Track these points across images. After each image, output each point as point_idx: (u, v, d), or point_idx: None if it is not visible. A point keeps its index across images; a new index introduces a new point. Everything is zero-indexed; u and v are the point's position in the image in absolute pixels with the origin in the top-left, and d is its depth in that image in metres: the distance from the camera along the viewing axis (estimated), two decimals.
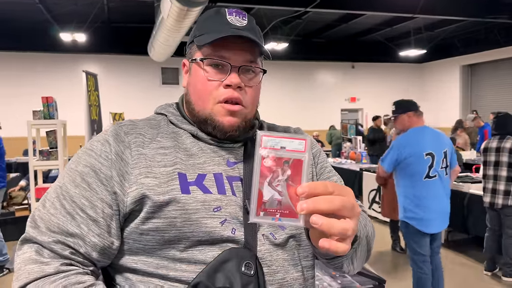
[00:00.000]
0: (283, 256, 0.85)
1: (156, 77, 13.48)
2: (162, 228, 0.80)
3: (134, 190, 0.81)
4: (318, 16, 10.57)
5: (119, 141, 0.86)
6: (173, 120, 0.95)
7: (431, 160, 3.12)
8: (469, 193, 5.09)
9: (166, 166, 0.84)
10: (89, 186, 0.82)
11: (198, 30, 0.93)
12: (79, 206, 0.81)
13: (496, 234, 4.32)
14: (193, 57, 0.93)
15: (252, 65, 0.91)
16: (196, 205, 0.81)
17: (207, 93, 0.89)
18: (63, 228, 0.80)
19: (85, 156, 0.86)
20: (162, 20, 6.85)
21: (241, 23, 0.90)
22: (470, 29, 12.13)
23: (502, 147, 4.13)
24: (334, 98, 14.90)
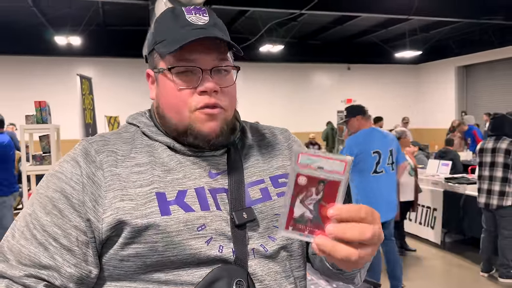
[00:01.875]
0: (275, 268, 0.81)
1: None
2: (143, 253, 0.74)
3: (109, 215, 0.74)
4: (313, 18, 10.58)
5: (90, 162, 0.79)
6: (147, 131, 0.86)
7: (378, 157, 3.57)
8: (464, 194, 5.09)
9: (143, 186, 0.77)
10: (60, 213, 0.76)
11: (157, 36, 0.83)
12: (51, 235, 0.75)
13: (492, 235, 4.32)
14: (157, 66, 0.84)
15: (223, 64, 0.83)
16: (178, 227, 0.74)
17: (181, 104, 0.81)
18: (35, 260, 0.74)
19: (54, 180, 0.78)
20: None
21: (202, 21, 0.82)
22: (465, 30, 12.18)
23: (497, 148, 4.13)
24: (330, 99, 14.91)
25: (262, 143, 0.94)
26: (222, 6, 8.23)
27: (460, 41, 13.32)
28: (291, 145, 0.96)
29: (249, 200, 0.82)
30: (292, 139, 0.99)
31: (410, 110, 15.20)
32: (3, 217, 4.36)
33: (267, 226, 0.82)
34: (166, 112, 0.84)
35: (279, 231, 0.62)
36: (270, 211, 0.83)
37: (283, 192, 0.85)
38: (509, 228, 4.13)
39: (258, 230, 0.81)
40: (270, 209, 0.83)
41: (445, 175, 5.91)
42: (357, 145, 3.59)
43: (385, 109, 14.23)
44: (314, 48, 13.81)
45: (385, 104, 15.25)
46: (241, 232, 0.78)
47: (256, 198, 0.83)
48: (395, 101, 15.63)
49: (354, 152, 3.55)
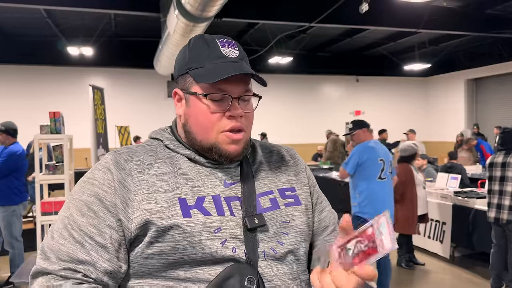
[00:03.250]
0: (283, 270, 0.89)
1: (161, 91, 13.59)
2: (166, 251, 0.84)
3: (138, 216, 0.85)
4: (322, 30, 10.66)
5: (120, 169, 0.89)
6: (169, 145, 0.97)
7: (383, 164, 3.93)
8: (474, 209, 5.06)
9: (166, 192, 0.88)
10: (95, 214, 0.86)
11: (193, 62, 0.94)
12: (87, 234, 0.84)
13: (502, 250, 4.28)
14: (190, 89, 0.94)
15: (249, 93, 0.95)
16: (198, 228, 0.84)
17: (210, 125, 0.92)
18: (73, 256, 0.83)
19: (88, 186, 0.89)
20: (168, 35, 6.94)
21: (234, 54, 0.94)
22: (474, 44, 12.17)
23: (507, 162, 4.11)
24: (339, 111, 14.92)
25: (271, 159, 1.06)
26: (232, 18, 8.33)
27: (470, 54, 13.30)
28: (296, 163, 1.08)
29: (260, 208, 0.93)
30: (297, 157, 1.11)
31: (418, 123, 15.15)
32: (12, 225, 4.42)
33: (276, 232, 0.91)
34: (193, 130, 0.95)
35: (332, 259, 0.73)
36: (278, 218, 0.93)
37: (289, 203, 0.97)
38: None
39: (268, 234, 0.90)
40: (278, 216, 0.94)
41: (454, 188, 5.87)
42: (366, 152, 3.93)
43: (393, 121, 14.21)
44: (323, 60, 13.88)
45: (393, 116, 15.22)
46: (253, 236, 0.88)
47: (266, 206, 0.94)
48: (404, 113, 15.59)
49: (363, 157, 3.89)
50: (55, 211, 2.98)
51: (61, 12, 8.74)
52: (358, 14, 7.31)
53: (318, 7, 8.25)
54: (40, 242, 3.07)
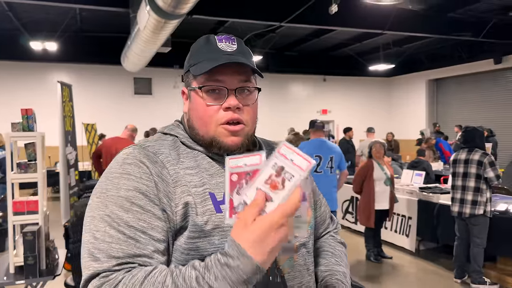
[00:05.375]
0: (298, 262, 0.95)
1: (128, 87, 13.33)
2: (202, 246, 0.85)
3: (181, 209, 0.86)
4: (291, 30, 10.78)
5: (153, 162, 0.89)
6: (186, 142, 0.98)
7: (319, 160, 4.59)
8: (438, 203, 5.29)
9: (197, 186, 0.89)
10: (142, 208, 0.84)
11: (192, 60, 0.98)
12: (139, 229, 0.83)
13: (465, 242, 4.51)
14: (191, 85, 0.98)
15: (247, 85, 0.96)
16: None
17: (208, 118, 0.94)
18: (128, 252, 0.81)
19: (124, 181, 0.86)
20: (138, 31, 6.83)
21: (231, 48, 0.97)
22: (435, 46, 12.65)
23: (470, 159, 4.34)
24: (307, 110, 15.13)
25: None
26: (202, 16, 8.29)
27: (431, 56, 13.81)
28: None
29: None
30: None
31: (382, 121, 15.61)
32: None
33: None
34: (195, 125, 0.97)
35: (224, 221, 0.77)
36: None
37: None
38: (480, 236, 4.32)
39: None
40: None
41: (419, 184, 6.12)
42: (304, 148, 4.57)
43: (358, 120, 14.57)
44: (291, 59, 14.03)
45: (359, 115, 15.61)
46: None
47: None
48: (368, 112, 16.01)
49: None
50: (28, 211, 2.89)
51: (23, 5, 8.41)
52: (327, 15, 7.45)
53: (288, 7, 8.35)
54: (13, 243, 2.98)
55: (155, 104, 13.43)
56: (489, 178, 4.25)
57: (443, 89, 14.96)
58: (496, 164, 4.31)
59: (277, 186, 0.72)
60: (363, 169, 5.20)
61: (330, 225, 1.17)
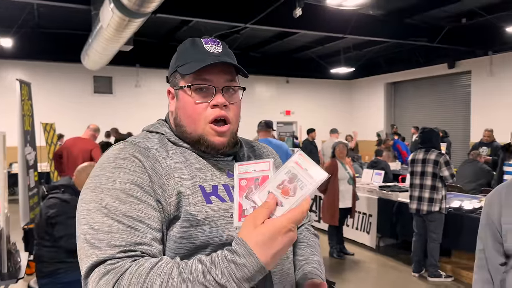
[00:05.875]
0: None
1: (87, 86, 12.96)
2: (194, 235, 0.90)
3: (174, 200, 0.90)
4: (255, 32, 10.86)
5: (146, 156, 0.93)
6: (172, 139, 1.03)
7: None
8: (397, 201, 5.52)
9: (187, 179, 0.94)
10: (138, 199, 0.87)
11: (179, 61, 1.03)
12: (137, 218, 0.85)
13: (422, 238, 4.74)
14: (178, 85, 1.03)
15: (232, 84, 1.03)
16: (219, 213, 0.93)
17: (197, 115, 1.00)
18: (129, 240, 0.83)
19: (118, 174, 0.89)
20: (101, 29, 6.68)
21: (217, 50, 1.03)
22: (393, 50, 13.11)
23: (427, 159, 4.56)
24: (270, 111, 15.27)
25: (254, 154, 1.17)
26: (166, 15, 8.21)
27: (389, 60, 14.30)
28: (274, 158, 1.19)
29: None
30: (274, 153, 1.24)
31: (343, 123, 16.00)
32: None
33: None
34: (183, 122, 1.02)
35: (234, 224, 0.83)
36: None
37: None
38: (436, 232, 4.55)
39: None
40: None
41: (378, 183, 6.36)
42: None
43: (320, 121, 14.87)
44: (255, 60, 14.12)
45: (321, 116, 15.93)
46: None
47: None
48: (330, 114, 16.37)
49: None
50: None
51: None
52: (291, 18, 7.59)
53: (253, 9, 8.42)
54: None
55: (116, 103, 13.13)
56: (444, 177, 4.48)
57: (401, 92, 15.54)
58: (450, 164, 4.56)
59: (289, 192, 0.76)
60: (328, 168, 5.32)
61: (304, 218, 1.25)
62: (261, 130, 4.99)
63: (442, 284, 4.55)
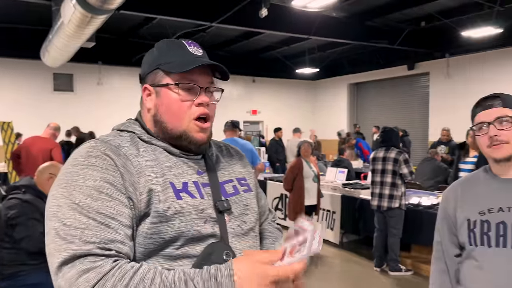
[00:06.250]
0: (248, 244, 1.07)
1: (47, 84, 12.53)
2: (163, 230, 0.92)
3: (145, 197, 0.93)
4: (221, 31, 10.85)
5: (117, 154, 0.95)
6: (143, 137, 1.05)
7: None
8: (359, 198, 5.69)
9: (157, 176, 0.97)
10: (110, 196, 0.89)
11: (163, 59, 1.06)
12: (108, 215, 0.87)
13: (383, 234, 4.91)
14: (161, 82, 1.05)
15: (213, 85, 1.10)
16: (189, 208, 0.97)
17: (182, 113, 1.04)
18: (101, 236, 0.84)
19: (90, 172, 0.91)
20: (62, 25, 6.49)
21: (199, 53, 1.08)
22: (356, 51, 13.45)
23: (387, 157, 4.73)
24: (237, 110, 15.28)
25: (222, 153, 1.22)
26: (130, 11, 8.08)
27: (352, 61, 14.66)
28: (241, 158, 1.26)
29: (225, 193, 1.09)
30: (241, 153, 1.29)
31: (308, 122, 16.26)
32: None
33: (240, 213, 1.08)
34: (164, 119, 1.05)
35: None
36: (240, 202, 1.11)
37: (246, 189, 1.16)
38: (397, 227, 4.73)
39: (234, 215, 1.06)
40: (240, 200, 1.11)
41: (342, 181, 6.52)
42: None
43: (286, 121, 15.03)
44: (221, 59, 13.84)
45: (287, 115, 16.12)
46: (222, 217, 1.04)
47: (230, 192, 1.11)
48: (295, 113, 16.59)
49: None
50: None
51: None
52: (257, 18, 7.65)
53: (219, 8, 8.41)
54: None
55: (77, 101, 12.77)
56: (403, 174, 4.67)
57: (363, 93, 15.96)
58: (409, 162, 4.75)
59: (293, 252, 0.84)
60: (293, 167, 5.42)
61: (269, 215, 1.34)
62: (227, 130, 5.10)
63: (402, 278, 4.73)
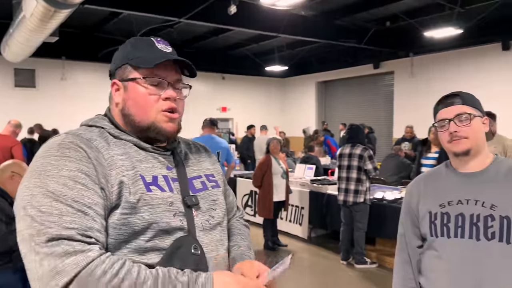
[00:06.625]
0: (215, 237, 1.10)
1: (8, 79, 12.06)
2: (132, 221, 0.94)
3: (116, 189, 0.95)
4: (189, 27, 10.75)
5: (90, 147, 0.97)
6: (113, 132, 1.06)
7: None
8: (327, 194, 5.80)
9: (128, 169, 0.99)
10: (85, 186, 0.91)
11: (131, 55, 1.08)
12: (85, 204, 0.89)
13: (349, 228, 5.03)
14: (129, 76, 1.08)
15: (181, 82, 1.13)
16: (158, 201, 0.99)
17: (149, 105, 1.06)
18: (81, 223, 0.87)
19: (64, 162, 0.92)
20: (23, 19, 6.26)
21: (168, 50, 1.12)
22: (324, 50, 13.62)
23: (353, 153, 4.85)
24: (207, 107, 15.19)
25: (191, 150, 1.24)
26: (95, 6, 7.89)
27: (321, 59, 14.85)
28: (210, 155, 1.30)
29: (193, 189, 1.12)
30: (209, 151, 1.33)
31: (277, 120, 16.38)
32: None
33: (208, 208, 1.11)
34: (131, 112, 1.07)
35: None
36: (208, 197, 1.14)
37: (214, 186, 1.20)
38: (362, 221, 4.86)
39: (202, 210, 1.09)
40: (208, 196, 1.15)
41: (310, 177, 6.63)
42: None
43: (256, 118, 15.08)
44: (190, 56, 13.52)
45: (257, 112, 16.18)
46: (191, 211, 1.07)
47: (199, 188, 1.14)
48: (265, 111, 16.67)
49: None
50: None
51: None
52: (226, 15, 7.63)
53: (187, 3, 8.34)
54: None
55: (39, 97, 12.35)
56: (368, 170, 4.79)
57: (331, 91, 16.22)
58: (374, 158, 4.88)
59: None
60: (262, 164, 5.46)
61: (237, 212, 1.38)
62: (206, 127, 5.32)
63: (367, 271, 4.87)
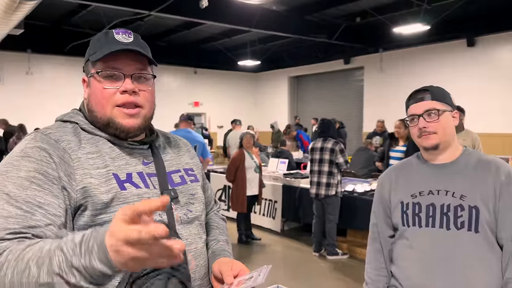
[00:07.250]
0: (194, 231, 1.11)
1: None
2: (108, 221, 0.92)
3: (82, 188, 0.94)
4: (160, 20, 10.61)
5: (55, 148, 0.96)
6: (86, 128, 1.06)
7: None
8: (299, 187, 5.89)
9: (99, 168, 0.98)
10: (40, 186, 0.90)
11: (91, 50, 1.07)
12: (36, 204, 0.88)
13: (321, 220, 5.13)
14: (90, 72, 1.06)
15: (142, 72, 1.06)
16: (134, 198, 0.98)
17: (105, 100, 1.03)
18: (23, 224, 0.84)
19: (24, 163, 0.92)
20: None
21: (127, 40, 1.05)
22: (296, 45, 13.74)
23: (324, 147, 4.94)
24: (179, 101, 15.08)
25: (170, 144, 1.24)
26: None
27: (293, 54, 14.97)
28: (189, 150, 1.30)
29: (172, 183, 1.12)
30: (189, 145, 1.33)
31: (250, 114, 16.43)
32: None
33: (186, 202, 1.12)
34: (94, 108, 1.06)
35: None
36: (187, 191, 1.14)
37: (192, 180, 1.19)
38: (333, 214, 4.96)
39: (180, 204, 1.10)
40: (187, 190, 1.14)
41: (283, 171, 6.71)
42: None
43: (228, 113, 15.09)
44: (161, 49, 13.77)
45: (229, 107, 16.17)
46: (170, 206, 1.05)
47: (177, 182, 1.14)
48: (237, 105, 16.68)
49: None
50: None
51: None
52: (197, 8, 7.57)
53: None
54: None
55: (4, 92, 11.94)
56: (339, 163, 4.90)
57: (303, 85, 16.37)
58: (345, 151, 4.99)
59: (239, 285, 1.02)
60: (235, 158, 5.49)
61: (214, 206, 1.39)
62: (182, 121, 5.47)
63: (339, 262, 4.98)
